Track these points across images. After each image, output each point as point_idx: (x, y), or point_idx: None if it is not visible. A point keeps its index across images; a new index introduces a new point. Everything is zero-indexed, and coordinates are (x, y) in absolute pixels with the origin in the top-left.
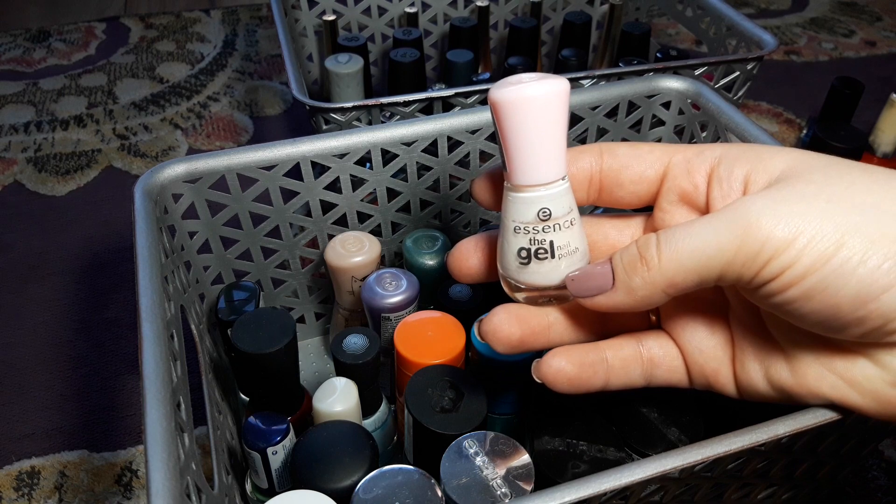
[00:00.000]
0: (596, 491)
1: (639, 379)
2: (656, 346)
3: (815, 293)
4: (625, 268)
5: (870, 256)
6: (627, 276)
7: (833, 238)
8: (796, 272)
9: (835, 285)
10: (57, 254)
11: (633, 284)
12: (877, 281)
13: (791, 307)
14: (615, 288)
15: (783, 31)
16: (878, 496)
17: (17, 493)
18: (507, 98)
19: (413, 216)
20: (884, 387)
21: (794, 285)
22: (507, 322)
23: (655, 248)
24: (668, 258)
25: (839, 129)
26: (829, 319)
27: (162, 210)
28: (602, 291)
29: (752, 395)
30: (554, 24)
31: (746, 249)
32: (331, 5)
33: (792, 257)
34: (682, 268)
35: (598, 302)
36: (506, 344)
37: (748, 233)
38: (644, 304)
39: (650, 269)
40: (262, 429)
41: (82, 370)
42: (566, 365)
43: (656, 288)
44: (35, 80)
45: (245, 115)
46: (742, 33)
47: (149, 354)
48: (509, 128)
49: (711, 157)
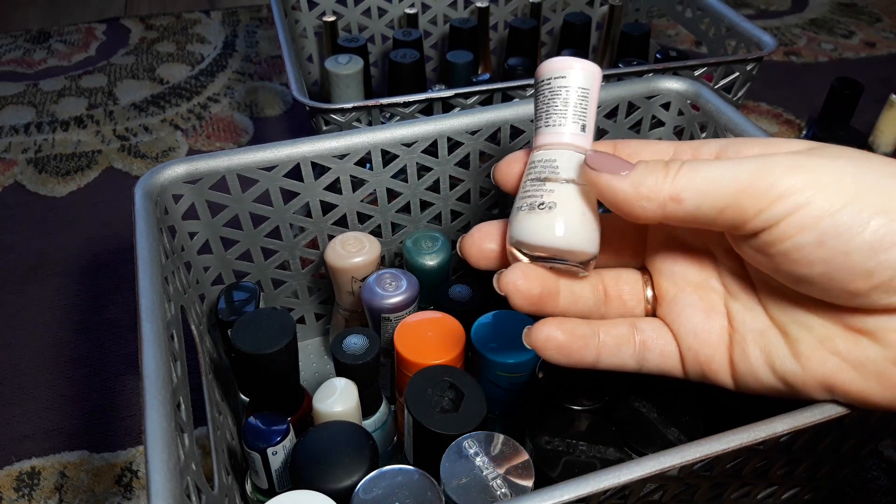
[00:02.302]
0: (595, 489)
1: (630, 361)
2: (650, 330)
3: (829, 238)
4: (646, 166)
5: (885, 210)
6: (644, 173)
7: (850, 189)
8: (811, 213)
9: (849, 232)
10: (57, 254)
11: (644, 181)
12: (892, 232)
13: (800, 254)
14: (629, 176)
15: (783, 31)
16: (878, 496)
17: (18, 493)
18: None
19: (413, 217)
20: (886, 366)
21: (807, 229)
22: (526, 277)
23: (678, 165)
24: (683, 174)
25: (839, 129)
26: (836, 270)
27: (162, 211)
28: (614, 172)
29: (749, 384)
30: (554, 25)
31: (760, 182)
32: (331, 6)
33: (807, 197)
34: (692, 184)
35: (603, 179)
36: (526, 298)
37: (763, 170)
38: (640, 208)
39: (667, 176)
40: (262, 429)
41: (82, 371)
42: (557, 332)
43: (661, 194)
44: (35, 81)
45: (245, 116)
46: (742, 34)
47: (149, 355)
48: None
49: (717, 144)
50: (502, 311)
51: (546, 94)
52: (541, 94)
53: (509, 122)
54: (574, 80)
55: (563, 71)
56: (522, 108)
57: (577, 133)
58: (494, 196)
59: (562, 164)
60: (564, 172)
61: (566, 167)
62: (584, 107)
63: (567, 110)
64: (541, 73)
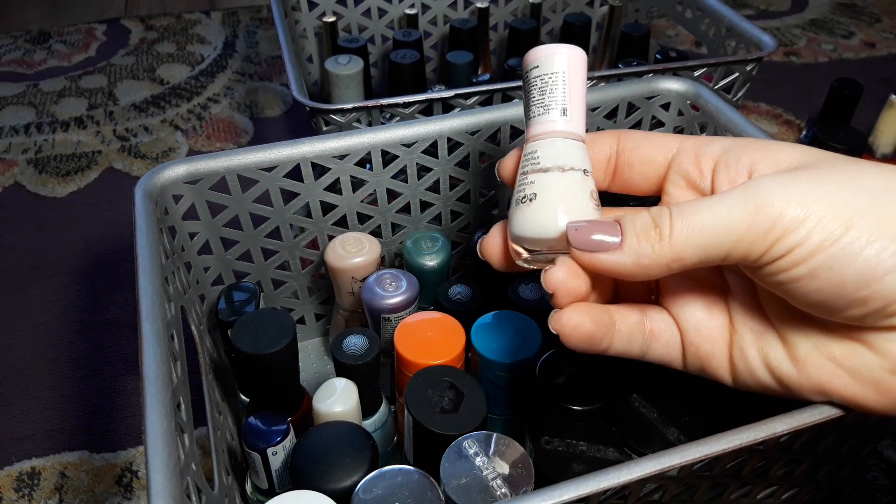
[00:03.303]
0: (595, 489)
1: (637, 349)
2: (659, 320)
3: (822, 271)
4: (637, 233)
5: (877, 238)
6: (638, 242)
7: (843, 218)
8: (805, 250)
9: (841, 264)
10: (57, 255)
11: (641, 251)
12: (883, 262)
13: (795, 285)
14: (622, 249)
15: (783, 32)
16: (878, 496)
17: (18, 493)
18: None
19: (413, 217)
20: (882, 374)
21: (802, 263)
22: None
23: (668, 220)
24: (678, 232)
25: (839, 130)
26: (832, 299)
27: (162, 211)
28: (605, 249)
29: (747, 382)
30: (554, 26)
31: (757, 227)
32: (331, 7)
33: (802, 236)
34: (691, 243)
35: (599, 259)
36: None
37: (760, 210)
38: (644, 274)
39: (661, 240)
40: (262, 429)
41: (83, 371)
42: (586, 320)
43: (662, 259)
44: (35, 81)
45: (245, 117)
46: (741, 34)
47: (149, 355)
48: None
49: (720, 145)
50: (502, 312)
51: (525, 88)
52: (523, 89)
53: (509, 123)
54: (546, 67)
55: (535, 62)
56: (522, 109)
57: (556, 119)
58: (494, 196)
59: (542, 153)
60: (545, 161)
61: (547, 156)
62: (561, 91)
63: (543, 98)
64: (525, 62)
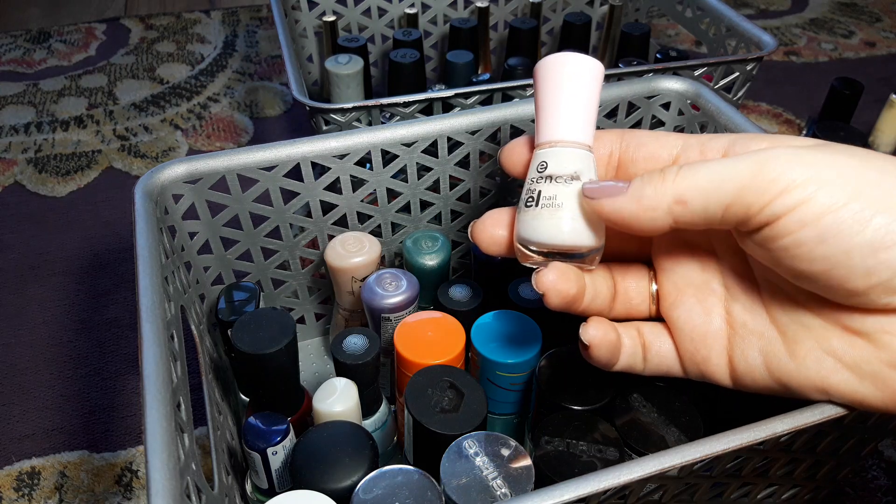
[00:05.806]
0: (595, 489)
1: (638, 363)
2: (649, 333)
3: (830, 235)
4: (642, 178)
5: (886, 208)
6: (642, 184)
7: (852, 185)
8: (811, 210)
9: (851, 230)
10: (57, 254)
11: (643, 192)
12: (892, 233)
13: (800, 250)
14: (627, 192)
15: (783, 31)
16: (878, 496)
17: (18, 493)
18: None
19: (413, 217)
20: (882, 368)
21: (809, 225)
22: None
23: (675, 169)
24: (683, 174)
25: (839, 129)
26: (837, 267)
27: (162, 210)
28: (611, 194)
29: (747, 383)
30: (554, 25)
31: (762, 177)
32: (331, 6)
33: (808, 193)
34: (694, 184)
35: (604, 203)
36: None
37: (766, 164)
38: (647, 216)
39: (664, 181)
40: (262, 429)
41: (82, 370)
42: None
43: (664, 198)
44: (35, 80)
45: (245, 116)
46: (742, 34)
47: (149, 355)
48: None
49: (727, 138)
50: (502, 311)
51: (536, 96)
52: (537, 93)
53: (509, 122)
54: (559, 76)
55: (548, 70)
56: (522, 108)
57: (570, 129)
58: (494, 196)
59: (551, 161)
60: (554, 169)
61: (556, 164)
62: (579, 102)
63: (555, 108)
64: (536, 70)
